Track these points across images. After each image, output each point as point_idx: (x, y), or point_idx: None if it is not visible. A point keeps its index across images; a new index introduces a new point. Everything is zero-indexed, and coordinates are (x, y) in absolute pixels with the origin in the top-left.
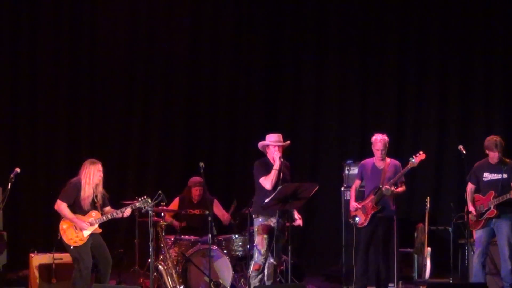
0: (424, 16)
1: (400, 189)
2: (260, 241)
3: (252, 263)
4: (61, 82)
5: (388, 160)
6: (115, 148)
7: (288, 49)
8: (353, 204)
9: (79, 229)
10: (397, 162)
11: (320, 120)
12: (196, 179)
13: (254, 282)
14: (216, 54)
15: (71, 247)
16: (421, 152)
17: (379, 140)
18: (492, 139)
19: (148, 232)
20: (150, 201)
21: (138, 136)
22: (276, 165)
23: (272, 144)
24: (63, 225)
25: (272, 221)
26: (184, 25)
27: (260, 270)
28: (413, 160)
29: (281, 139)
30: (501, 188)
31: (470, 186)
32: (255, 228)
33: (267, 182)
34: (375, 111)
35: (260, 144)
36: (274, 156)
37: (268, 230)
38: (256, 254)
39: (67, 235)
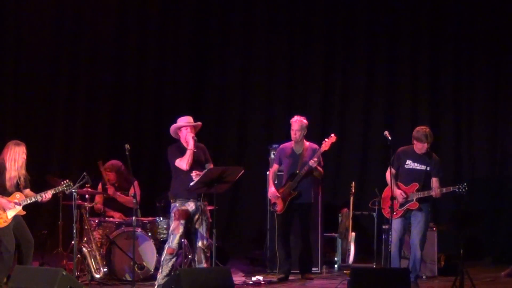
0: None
1: (319, 169)
2: (176, 226)
3: (166, 247)
4: None
5: (306, 144)
6: (40, 129)
7: (215, 30)
8: (272, 191)
9: (2, 210)
10: (315, 146)
11: (246, 104)
12: (108, 162)
13: (168, 265)
14: (143, 35)
15: None
16: (332, 135)
17: (295, 120)
18: (422, 130)
19: (72, 213)
20: (72, 185)
21: (63, 117)
22: (190, 145)
23: (184, 126)
24: None
25: (190, 205)
26: (110, 6)
27: (174, 255)
28: (324, 143)
29: (192, 120)
30: (424, 180)
31: (392, 171)
32: (171, 213)
33: (183, 162)
34: (302, 96)
35: (172, 127)
36: (187, 137)
37: (185, 215)
38: (170, 239)
39: None
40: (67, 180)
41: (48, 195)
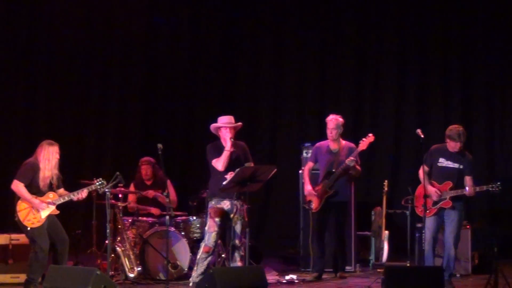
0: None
1: (357, 167)
2: (211, 225)
3: (202, 245)
4: (18, 64)
5: (343, 142)
6: (72, 130)
7: (247, 31)
8: (309, 189)
9: (36, 210)
10: (352, 145)
11: (279, 103)
12: (144, 158)
13: (203, 264)
14: (174, 35)
15: (28, 228)
16: (370, 135)
17: (330, 119)
18: (455, 129)
19: (105, 213)
20: (105, 183)
21: (96, 117)
22: (228, 146)
23: (223, 126)
24: (20, 206)
25: (225, 204)
26: (141, 6)
27: (210, 253)
28: (361, 143)
29: (233, 121)
30: (457, 179)
31: (425, 169)
32: (208, 211)
33: (219, 163)
34: (334, 94)
35: (212, 126)
36: (225, 137)
37: (220, 214)
38: (206, 237)
39: (24, 216)
40: (100, 178)
41: (83, 194)
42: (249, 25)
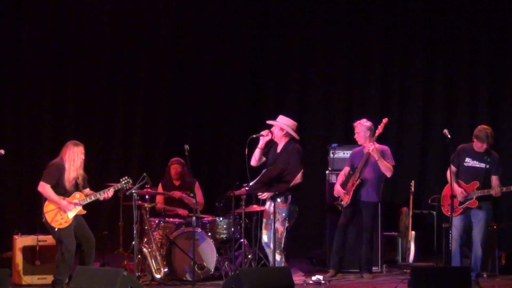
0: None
1: (387, 160)
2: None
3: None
4: (46, 64)
5: (376, 145)
6: (99, 130)
7: (274, 33)
8: (338, 188)
9: (63, 211)
10: (384, 147)
11: (305, 104)
12: (174, 158)
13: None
14: (202, 36)
15: (56, 229)
16: (384, 119)
17: (356, 124)
18: (484, 130)
19: (132, 214)
20: (131, 182)
21: (122, 119)
22: (260, 144)
23: (274, 124)
24: (47, 207)
25: (266, 205)
26: (169, 7)
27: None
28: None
29: (290, 124)
30: (484, 178)
31: (452, 169)
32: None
33: (251, 158)
34: (360, 94)
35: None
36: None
37: (266, 215)
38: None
39: (52, 217)
40: (126, 177)
41: (109, 193)
42: (276, 26)
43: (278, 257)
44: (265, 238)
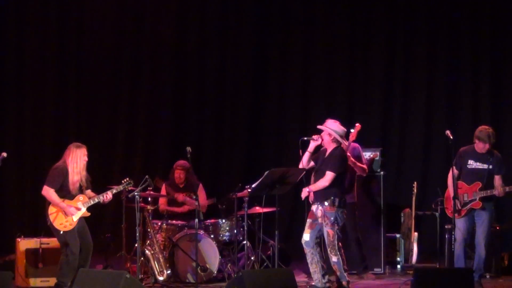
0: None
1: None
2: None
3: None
4: (48, 66)
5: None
6: (102, 133)
7: (276, 34)
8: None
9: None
10: (355, 145)
11: (307, 106)
12: (180, 161)
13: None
14: (204, 39)
15: (61, 232)
16: (356, 124)
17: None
18: (485, 130)
19: (135, 216)
20: (132, 183)
21: (125, 121)
22: (310, 147)
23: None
24: (52, 210)
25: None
26: (171, 8)
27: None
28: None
29: (338, 129)
30: (487, 179)
31: (454, 171)
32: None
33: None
34: (363, 97)
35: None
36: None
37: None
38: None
39: (57, 220)
40: (127, 179)
41: (109, 195)
42: (278, 29)
43: (335, 258)
44: (306, 237)
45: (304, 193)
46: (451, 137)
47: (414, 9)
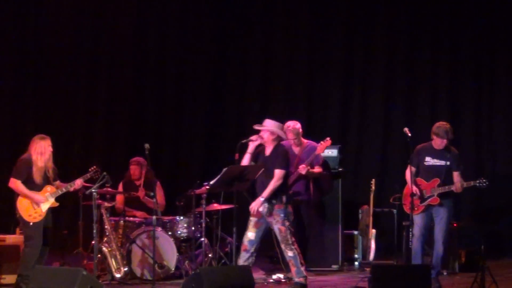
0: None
1: (315, 170)
2: None
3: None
4: (5, 62)
5: (305, 143)
6: (60, 129)
7: (236, 31)
8: None
9: (36, 205)
10: (314, 144)
11: (267, 105)
12: (135, 158)
13: None
14: (163, 35)
15: (30, 224)
16: (327, 139)
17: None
18: (443, 126)
19: (92, 213)
20: (100, 171)
21: (83, 117)
22: (249, 148)
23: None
24: (20, 202)
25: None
26: (131, 4)
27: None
28: (319, 146)
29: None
30: (445, 176)
31: (411, 169)
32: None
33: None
34: (321, 93)
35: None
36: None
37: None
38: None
39: (26, 212)
40: (95, 167)
41: (78, 182)
42: (238, 25)
43: (290, 253)
44: (251, 235)
45: (259, 206)
46: (409, 134)
47: (373, 4)
